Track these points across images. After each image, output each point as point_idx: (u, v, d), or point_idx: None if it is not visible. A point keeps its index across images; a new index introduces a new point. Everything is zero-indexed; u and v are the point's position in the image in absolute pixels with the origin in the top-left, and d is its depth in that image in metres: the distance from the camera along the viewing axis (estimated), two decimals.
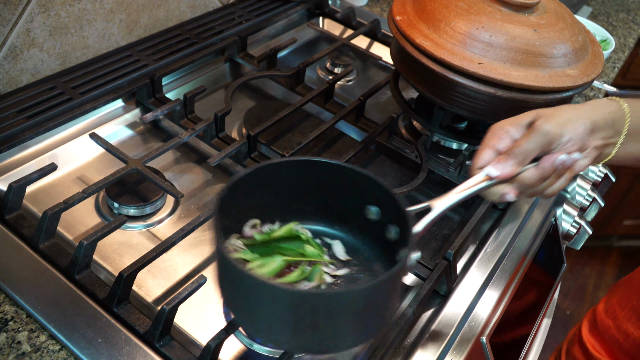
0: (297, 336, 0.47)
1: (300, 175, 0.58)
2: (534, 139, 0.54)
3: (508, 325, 0.72)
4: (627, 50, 1.33)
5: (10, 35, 0.80)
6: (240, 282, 0.46)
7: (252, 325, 0.50)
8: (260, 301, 0.45)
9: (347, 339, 0.48)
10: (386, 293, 0.48)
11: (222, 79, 0.99)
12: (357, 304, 0.45)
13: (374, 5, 1.27)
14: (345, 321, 0.46)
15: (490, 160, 0.56)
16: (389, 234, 0.57)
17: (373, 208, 0.58)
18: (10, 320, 0.58)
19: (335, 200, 0.59)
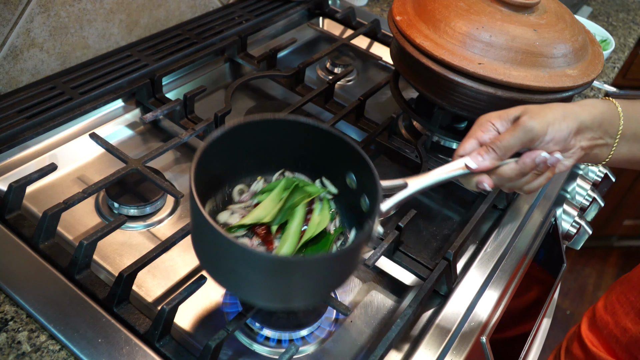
0: (271, 293, 0.52)
1: (285, 135, 0.59)
2: (517, 135, 0.54)
3: (508, 325, 0.72)
4: (627, 50, 1.33)
5: (11, 35, 0.80)
6: (221, 248, 0.49)
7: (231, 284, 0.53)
8: (241, 265, 0.48)
9: (307, 297, 0.54)
10: (346, 262, 0.52)
11: (222, 79, 0.99)
12: (321, 269, 0.50)
13: (374, 5, 1.27)
14: (309, 282, 0.51)
15: (472, 150, 0.56)
16: (362, 204, 0.58)
17: (352, 175, 0.59)
18: (11, 320, 0.58)
19: (318, 161, 0.60)
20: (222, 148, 0.55)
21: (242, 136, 0.57)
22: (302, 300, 0.54)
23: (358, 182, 0.58)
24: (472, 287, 0.69)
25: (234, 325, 0.56)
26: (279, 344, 0.61)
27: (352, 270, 0.55)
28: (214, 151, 0.54)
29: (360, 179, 0.58)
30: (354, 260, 0.54)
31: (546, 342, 0.91)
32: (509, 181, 0.57)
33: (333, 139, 0.57)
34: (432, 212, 0.81)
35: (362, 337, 0.64)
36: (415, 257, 0.69)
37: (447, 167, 0.57)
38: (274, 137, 0.59)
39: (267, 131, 0.58)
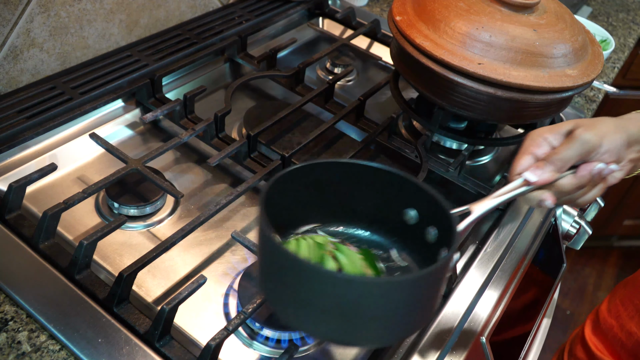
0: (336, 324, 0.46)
1: (339, 177, 0.57)
2: (574, 147, 0.55)
3: (508, 325, 0.72)
4: (627, 50, 1.33)
5: (11, 36, 0.80)
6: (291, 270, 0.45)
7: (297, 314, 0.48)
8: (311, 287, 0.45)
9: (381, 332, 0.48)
10: (427, 289, 0.47)
11: (222, 79, 0.99)
12: (402, 293, 0.45)
13: (374, 6, 1.27)
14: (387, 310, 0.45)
15: (529, 166, 0.57)
16: (428, 236, 0.56)
17: (412, 211, 0.57)
18: (11, 320, 0.58)
19: (370, 203, 0.59)
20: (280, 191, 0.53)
21: (299, 178, 0.55)
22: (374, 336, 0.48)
23: (421, 215, 0.57)
24: (472, 287, 0.69)
25: (234, 325, 0.56)
26: (278, 343, 0.61)
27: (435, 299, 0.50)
28: (278, 190, 0.52)
29: (424, 211, 0.56)
30: (436, 287, 0.49)
31: (546, 342, 0.91)
32: (567, 194, 0.58)
33: (391, 177, 0.55)
34: None
35: None
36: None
37: (508, 187, 0.57)
38: (327, 180, 0.57)
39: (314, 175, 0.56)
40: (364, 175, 0.57)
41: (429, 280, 0.47)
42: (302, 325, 0.49)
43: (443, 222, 0.53)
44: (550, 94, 0.73)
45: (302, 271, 0.45)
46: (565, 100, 0.79)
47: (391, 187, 0.56)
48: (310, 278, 0.45)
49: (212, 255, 0.70)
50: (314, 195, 0.58)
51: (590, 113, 1.08)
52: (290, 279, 0.46)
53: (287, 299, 0.48)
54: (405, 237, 0.59)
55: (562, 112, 1.01)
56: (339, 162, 0.57)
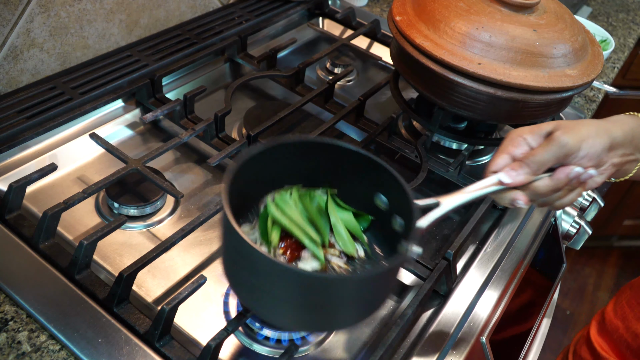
0: (300, 315, 0.49)
1: (312, 156, 0.58)
2: (551, 150, 0.54)
3: (508, 325, 0.72)
4: (627, 51, 1.33)
5: (11, 36, 0.80)
6: (251, 262, 0.47)
7: (257, 304, 0.50)
8: (271, 281, 0.46)
9: (341, 319, 0.51)
10: (383, 282, 0.50)
11: (222, 79, 0.99)
12: (357, 290, 0.47)
13: (373, 6, 1.27)
14: (344, 304, 0.49)
15: (505, 166, 0.56)
16: (395, 224, 0.57)
17: (383, 197, 0.58)
18: (11, 320, 0.58)
19: (347, 184, 0.59)
20: (248, 170, 0.54)
21: (267, 158, 0.56)
22: (328, 324, 0.52)
23: (390, 203, 0.57)
24: (472, 287, 0.69)
25: (234, 325, 0.56)
26: (278, 343, 0.61)
27: (387, 293, 0.53)
28: (242, 172, 0.53)
29: (392, 199, 0.57)
30: (390, 282, 0.52)
31: (546, 342, 0.91)
32: (542, 197, 0.57)
33: (362, 159, 0.56)
34: None
35: (361, 337, 0.64)
36: (415, 257, 0.69)
37: (480, 184, 0.56)
38: (298, 158, 0.57)
39: (293, 152, 0.57)
40: (338, 155, 0.57)
41: (376, 280, 0.48)
42: (257, 310, 0.51)
43: (407, 213, 0.53)
44: (550, 94, 0.73)
45: (257, 261, 0.46)
46: (565, 100, 0.79)
47: (363, 170, 0.56)
48: (265, 269, 0.46)
49: (212, 255, 0.70)
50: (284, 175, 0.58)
51: (590, 113, 1.08)
52: (247, 267, 0.48)
53: (245, 284, 0.50)
54: (377, 223, 0.60)
55: (562, 112, 1.01)
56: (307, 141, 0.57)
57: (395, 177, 0.54)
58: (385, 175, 0.55)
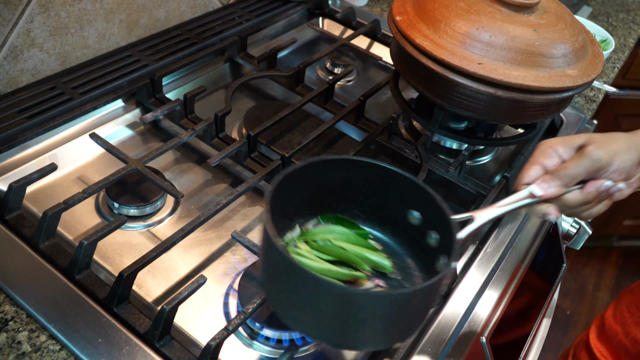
0: (337, 331, 0.49)
1: (345, 175, 0.58)
2: (583, 164, 0.55)
3: (508, 325, 0.72)
4: (627, 51, 1.33)
5: (11, 36, 0.80)
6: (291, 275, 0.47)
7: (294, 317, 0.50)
8: (309, 294, 0.46)
9: (378, 338, 0.50)
10: (424, 299, 0.49)
11: (222, 79, 0.99)
12: (397, 306, 0.47)
13: (374, 6, 1.27)
14: (383, 321, 0.48)
15: (537, 178, 0.56)
16: (429, 240, 0.57)
17: (415, 213, 0.58)
18: (11, 320, 0.58)
19: (378, 201, 0.60)
20: (285, 187, 0.54)
21: (303, 177, 0.56)
22: (370, 342, 0.51)
23: (424, 218, 0.58)
24: (472, 287, 0.69)
25: (234, 325, 0.56)
26: (279, 343, 0.61)
27: (429, 308, 0.53)
28: (280, 190, 0.53)
29: (426, 215, 0.57)
30: (433, 297, 0.51)
31: (546, 343, 0.91)
32: (571, 208, 0.57)
33: (397, 177, 0.56)
34: None
35: None
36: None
37: (513, 198, 0.57)
38: (330, 176, 0.58)
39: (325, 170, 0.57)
40: (371, 173, 0.57)
41: (423, 293, 0.48)
42: (299, 327, 0.50)
43: (444, 227, 0.54)
44: (550, 94, 0.73)
45: (303, 279, 0.46)
46: (565, 100, 0.79)
47: (396, 187, 0.57)
48: (311, 286, 0.46)
49: (212, 255, 0.70)
50: (319, 192, 0.59)
51: (591, 113, 1.08)
52: (291, 285, 0.47)
53: (288, 303, 0.49)
54: (409, 238, 0.60)
55: (562, 112, 1.01)
56: (345, 159, 0.58)
57: (430, 195, 0.55)
58: (420, 192, 0.55)
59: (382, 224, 0.62)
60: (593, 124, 1.03)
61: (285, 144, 0.83)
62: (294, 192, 0.56)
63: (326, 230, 0.58)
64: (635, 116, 1.80)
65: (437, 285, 0.49)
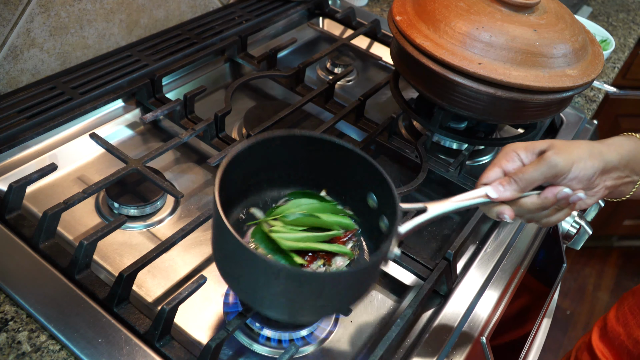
0: (286, 307, 0.52)
1: (308, 151, 0.59)
2: (540, 169, 0.55)
3: (508, 325, 0.72)
4: (627, 51, 1.33)
5: (11, 36, 0.80)
6: (242, 258, 0.49)
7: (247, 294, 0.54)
8: (261, 276, 0.49)
9: (315, 312, 0.55)
10: (363, 279, 0.53)
11: (222, 79, 0.99)
12: (339, 284, 0.51)
13: (374, 6, 1.27)
14: (327, 297, 0.51)
15: (496, 179, 0.56)
16: (381, 225, 0.58)
17: (374, 196, 0.59)
18: (11, 320, 0.58)
19: (340, 180, 0.61)
20: (243, 162, 0.55)
21: (264, 151, 0.57)
22: (310, 315, 0.55)
23: (379, 202, 0.59)
24: (472, 287, 0.69)
25: (234, 325, 0.56)
26: (279, 344, 0.61)
27: (365, 289, 0.55)
28: (236, 164, 0.54)
29: (381, 199, 0.58)
30: (368, 279, 0.54)
31: (546, 343, 0.91)
32: (529, 213, 0.57)
33: (355, 158, 0.57)
34: None
35: (362, 337, 0.64)
36: (415, 257, 0.69)
37: (468, 195, 0.57)
38: (295, 153, 0.59)
39: (290, 147, 0.59)
40: (333, 152, 0.58)
41: (353, 277, 0.51)
42: (249, 301, 0.54)
43: (392, 214, 0.54)
44: (550, 94, 0.73)
45: (249, 260, 0.48)
46: (565, 100, 0.79)
47: (357, 168, 0.58)
48: (257, 267, 0.48)
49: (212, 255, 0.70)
50: (283, 166, 0.61)
51: (591, 113, 1.08)
52: (240, 263, 0.50)
53: (238, 279, 0.52)
54: (367, 220, 0.61)
55: (563, 112, 1.01)
56: (309, 136, 0.59)
57: (384, 179, 0.55)
58: (376, 175, 0.56)
59: (343, 201, 0.63)
60: (593, 123, 1.03)
61: None
62: (250, 170, 0.58)
63: (294, 204, 0.59)
64: (635, 116, 1.80)
65: (371, 268, 0.52)
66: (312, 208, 0.59)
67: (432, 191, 0.84)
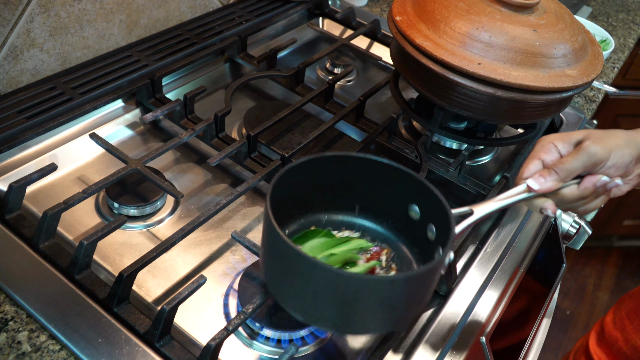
0: (336, 314, 0.50)
1: (343, 171, 0.59)
2: (580, 159, 0.56)
3: (508, 325, 0.72)
4: (627, 51, 1.33)
5: (11, 36, 0.80)
6: (292, 262, 0.48)
7: (295, 302, 0.52)
8: (309, 280, 0.48)
9: (376, 323, 0.52)
10: (421, 286, 0.51)
11: (222, 79, 0.99)
12: (394, 291, 0.48)
13: (373, 6, 1.27)
14: (380, 306, 0.49)
15: (536, 172, 0.57)
16: (428, 233, 0.58)
17: (415, 207, 0.59)
18: (11, 320, 0.58)
19: (378, 197, 0.61)
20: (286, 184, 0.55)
21: (306, 172, 0.58)
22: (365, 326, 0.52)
23: (422, 212, 0.59)
24: (472, 287, 0.69)
25: (234, 325, 0.56)
26: (278, 344, 0.61)
27: (425, 296, 0.53)
28: (280, 185, 0.54)
29: (425, 209, 0.58)
30: (428, 286, 0.52)
31: (546, 342, 0.91)
32: (568, 203, 0.58)
33: (398, 173, 0.57)
34: None
35: (361, 337, 0.64)
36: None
37: (511, 192, 0.57)
38: (327, 174, 0.59)
39: (327, 168, 0.59)
40: (370, 169, 0.58)
41: (420, 279, 0.49)
42: (301, 314, 0.52)
43: (443, 221, 0.54)
44: (550, 94, 0.73)
45: (304, 265, 0.47)
46: (565, 100, 0.79)
47: (396, 183, 0.58)
48: (312, 272, 0.47)
49: (212, 255, 0.70)
50: (321, 187, 0.60)
51: (590, 113, 1.08)
52: (292, 271, 0.49)
53: (289, 290, 0.51)
54: (408, 233, 0.61)
55: (562, 112, 1.01)
56: (345, 155, 0.59)
57: (430, 189, 0.55)
58: (419, 186, 0.56)
59: (380, 218, 0.63)
60: (593, 124, 1.03)
61: (285, 144, 0.83)
62: (295, 187, 0.57)
63: (307, 249, 0.59)
64: (635, 116, 1.80)
65: (431, 273, 0.50)
66: (323, 247, 0.59)
67: None
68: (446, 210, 0.53)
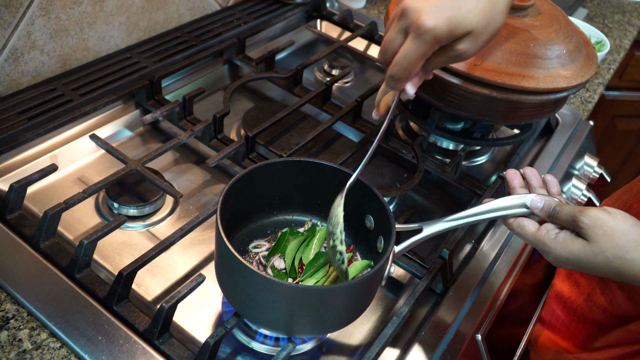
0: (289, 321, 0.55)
1: (304, 175, 0.62)
2: None
3: (504, 323, 0.72)
4: (623, 52, 1.34)
5: (12, 38, 0.80)
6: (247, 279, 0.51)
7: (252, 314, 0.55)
8: (264, 294, 0.51)
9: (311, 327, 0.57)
10: (360, 294, 0.55)
11: (221, 81, 1.00)
12: (337, 298, 0.53)
13: (371, 8, 1.28)
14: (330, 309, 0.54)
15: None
16: (378, 244, 0.61)
17: (371, 217, 0.62)
18: (12, 319, 0.58)
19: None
20: (244, 186, 0.59)
21: (265, 176, 0.61)
22: (306, 330, 0.57)
23: (375, 223, 0.62)
24: (468, 286, 0.70)
25: (233, 323, 0.57)
26: (276, 341, 0.62)
27: (361, 305, 0.57)
28: (237, 189, 0.57)
29: (378, 221, 0.61)
30: (364, 294, 0.56)
31: None
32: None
33: (358, 184, 0.60)
34: (429, 211, 0.82)
35: (358, 335, 0.65)
36: (412, 255, 0.70)
37: (462, 214, 0.59)
38: (291, 179, 0.63)
39: (289, 173, 0.62)
40: (330, 175, 0.62)
41: (349, 291, 0.53)
42: (248, 316, 0.56)
43: (386, 235, 0.58)
44: (544, 94, 0.73)
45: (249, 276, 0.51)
46: (559, 100, 0.80)
47: (354, 192, 0.60)
48: (256, 282, 0.51)
49: (211, 254, 0.70)
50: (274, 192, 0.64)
51: (586, 114, 1.09)
52: (240, 280, 0.52)
53: (239, 294, 0.55)
54: (364, 240, 0.65)
55: (558, 113, 1.01)
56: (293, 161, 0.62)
57: (380, 200, 0.59)
58: (373, 198, 0.60)
59: None
60: (589, 124, 1.03)
61: (283, 145, 0.84)
62: (252, 193, 0.61)
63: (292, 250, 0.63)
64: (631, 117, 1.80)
65: (367, 282, 0.54)
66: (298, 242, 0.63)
67: (428, 191, 0.85)
68: (390, 228, 0.56)
